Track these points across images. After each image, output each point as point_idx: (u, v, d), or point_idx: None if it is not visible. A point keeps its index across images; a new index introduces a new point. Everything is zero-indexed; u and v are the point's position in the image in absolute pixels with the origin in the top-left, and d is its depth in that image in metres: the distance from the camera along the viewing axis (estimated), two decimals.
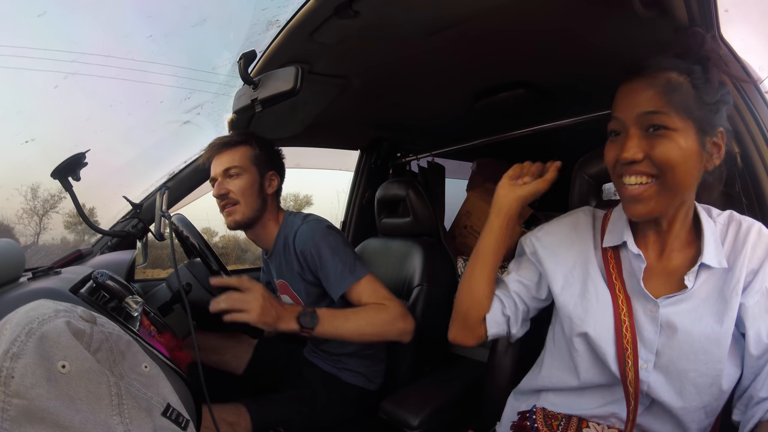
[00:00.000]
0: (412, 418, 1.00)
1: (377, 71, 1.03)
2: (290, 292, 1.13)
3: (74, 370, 0.36)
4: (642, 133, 0.61)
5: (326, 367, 1.15)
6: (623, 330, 0.64)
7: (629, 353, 0.63)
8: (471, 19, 0.79)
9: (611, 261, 0.69)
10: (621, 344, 0.64)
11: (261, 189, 1.09)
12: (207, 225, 5.18)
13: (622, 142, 0.62)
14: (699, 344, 0.60)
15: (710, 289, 0.62)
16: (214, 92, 1.41)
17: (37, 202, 4.44)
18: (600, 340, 0.66)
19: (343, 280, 0.99)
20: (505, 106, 1.19)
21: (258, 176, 1.09)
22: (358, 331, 0.94)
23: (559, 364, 0.73)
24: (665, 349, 0.62)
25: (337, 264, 0.99)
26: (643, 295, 0.65)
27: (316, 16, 0.75)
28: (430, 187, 1.74)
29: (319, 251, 1.01)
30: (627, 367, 0.63)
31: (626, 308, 0.65)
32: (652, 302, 0.64)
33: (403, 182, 1.45)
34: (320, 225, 1.06)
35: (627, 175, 0.62)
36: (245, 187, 1.06)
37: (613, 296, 0.67)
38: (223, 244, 7.86)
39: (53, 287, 0.63)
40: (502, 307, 0.78)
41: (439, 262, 1.34)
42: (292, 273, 1.09)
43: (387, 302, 0.98)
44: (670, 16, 0.73)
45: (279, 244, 1.11)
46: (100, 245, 1.24)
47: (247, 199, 1.06)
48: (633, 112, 0.61)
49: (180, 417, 0.44)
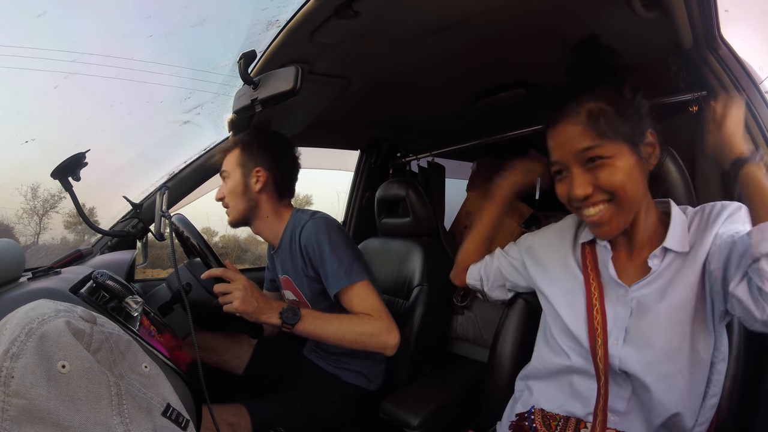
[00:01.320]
0: (412, 418, 1.00)
1: (377, 71, 1.03)
2: (293, 288, 1.13)
3: (74, 370, 0.36)
4: (583, 168, 0.68)
5: (326, 366, 1.16)
6: (594, 312, 0.73)
7: (599, 332, 0.71)
8: (471, 19, 0.79)
9: (588, 255, 0.78)
10: (591, 325, 0.72)
11: (246, 189, 1.09)
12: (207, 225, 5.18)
13: (568, 181, 0.70)
14: (664, 314, 0.66)
15: (675, 269, 0.69)
16: (214, 92, 1.41)
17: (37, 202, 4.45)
18: (574, 324, 0.74)
19: (338, 279, 0.99)
20: (505, 106, 1.19)
21: (241, 177, 1.09)
22: (338, 336, 0.94)
23: (546, 346, 0.81)
24: (634, 325, 0.69)
25: (334, 262, 0.99)
26: (615, 281, 0.73)
27: (316, 16, 0.75)
28: (430, 187, 1.74)
29: (321, 247, 1.01)
30: (597, 345, 0.70)
31: (598, 293, 0.74)
32: (622, 288, 0.72)
33: (403, 182, 1.45)
34: (327, 222, 1.06)
35: (584, 208, 0.70)
36: (230, 190, 1.10)
37: (586, 284, 0.76)
38: (223, 244, 7.87)
39: (53, 287, 0.63)
40: (481, 268, 0.98)
41: (439, 262, 1.34)
42: (296, 269, 1.09)
43: (375, 314, 0.97)
44: (670, 16, 0.74)
45: (285, 240, 1.11)
46: (100, 245, 1.24)
47: (233, 201, 1.09)
48: (570, 153, 0.68)
49: (180, 417, 0.44)
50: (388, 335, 0.95)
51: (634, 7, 0.71)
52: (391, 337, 0.96)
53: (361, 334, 0.94)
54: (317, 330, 0.94)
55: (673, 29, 0.77)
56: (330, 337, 0.94)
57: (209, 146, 1.33)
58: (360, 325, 0.95)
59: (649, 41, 0.84)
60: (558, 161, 0.71)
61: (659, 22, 0.75)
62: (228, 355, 1.21)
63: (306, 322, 0.93)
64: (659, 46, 0.85)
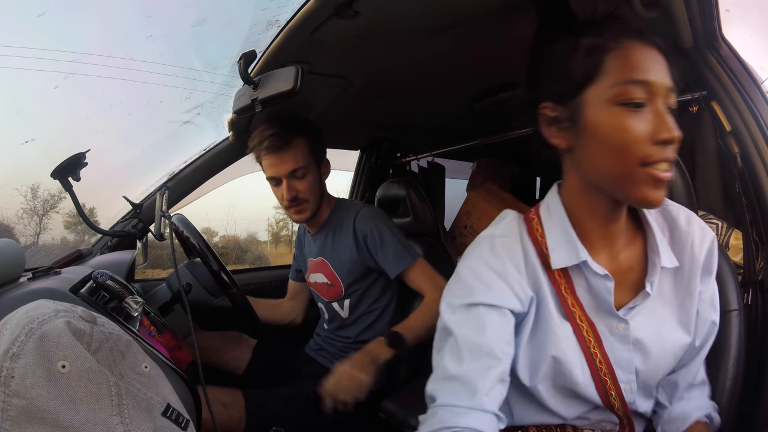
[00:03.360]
0: (412, 418, 1.00)
1: (377, 71, 1.03)
2: (328, 270, 1.15)
3: (74, 370, 0.36)
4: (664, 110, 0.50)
5: (329, 363, 1.16)
6: (597, 364, 0.56)
7: (609, 385, 0.57)
8: (471, 19, 0.79)
9: (561, 282, 0.57)
10: (598, 379, 0.57)
11: (321, 182, 1.12)
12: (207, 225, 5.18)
13: (654, 117, 0.49)
14: (671, 353, 0.58)
15: (666, 290, 0.58)
16: (214, 92, 1.41)
17: (37, 202, 4.44)
18: (574, 383, 0.57)
19: (403, 259, 1.06)
20: (505, 106, 1.19)
21: (318, 170, 1.11)
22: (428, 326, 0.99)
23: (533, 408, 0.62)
24: (642, 366, 0.58)
25: (397, 244, 1.07)
26: (609, 313, 0.57)
27: (316, 16, 0.74)
28: (430, 187, 1.74)
29: (381, 231, 1.07)
30: (612, 398, 0.58)
31: (593, 338, 0.56)
32: (618, 319, 0.56)
33: (403, 182, 1.45)
34: (380, 210, 1.15)
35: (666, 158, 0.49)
36: (313, 186, 1.08)
37: (575, 329, 0.57)
38: (223, 244, 7.88)
39: (53, 287, 0.63)
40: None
41: (440, 262, 1.34)
42: (338, 251, 1.12)
43: (435, 286, 1.05)
44: (670, 16, 0.73)
45: (330, 224, 1.15)
46: (100, 245, 1.24)
47: (315, 195, 1.10)
48: (661, 85, 0.50)
49: (180, 417, 0.44)
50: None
51: (634, 7, 0.71)
52: None
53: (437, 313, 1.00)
54: (413, 334, 0.99)
55: (673, 29, 0.77)
56: (422, 334, 0.99)
57: (209, 146, 1.33)
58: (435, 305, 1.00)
59: None
60: (647, 81, 0.49)
61: (659, 22, 0.75)
62: (227, 357, 1.21)
63: (407, 334, 0.98)
64: None
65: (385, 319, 1.16)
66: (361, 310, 1.15)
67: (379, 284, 1.15)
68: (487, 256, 0.57)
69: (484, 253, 0.58)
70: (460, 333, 0.54)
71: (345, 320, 1.17)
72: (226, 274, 0.97)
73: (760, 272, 0.80)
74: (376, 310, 1.15)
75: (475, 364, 0.52)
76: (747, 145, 0.81)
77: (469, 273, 0.57)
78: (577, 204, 0.57)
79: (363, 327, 1.15)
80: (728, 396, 0.67)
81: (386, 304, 1.16)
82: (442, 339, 0.57)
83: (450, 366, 0.53)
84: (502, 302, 0.55)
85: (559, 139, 0.55)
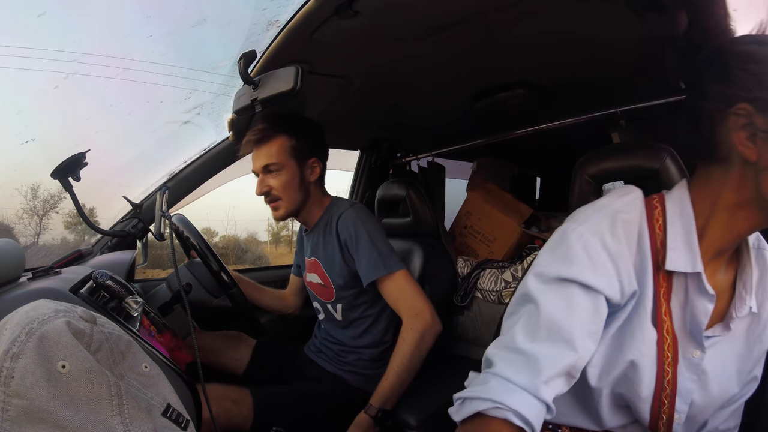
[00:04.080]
0: (412, 418, 1.00)
1: (377, 71, 1.03)
2: (320, 271, 1.14)
3: (74, 370, 0.36)
4: None
5: (328, 367, 1.15)
6: (664, 383, 0.52)
7: (665, 408, 0.53)
8: (471, 19, 0.79)
9: (662, 285, 0.52)
10: (658, 398, 0.52)
11: (302, 181, 1.08)
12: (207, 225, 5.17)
13: None
14: (725, 395, 0.55)
15: (739, 332, 0.55)
16: (214, 92, 1.41)
17: (37, 202, 4.44)
18: (636, 394, 0.53)
19: (376, 268, 1.01)
20: (505, 106, 1.19)
21: (297, 168, 1.07)
22: (409, 372, 0.99)
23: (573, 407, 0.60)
24: (698, 400, 0.54)
25: (372, 251, 1.01)
26: (693, 336, 0.53)
27: (316, 16, 0.74)
28: (430, 187, 1.74)
29: (359, 235, 1.03)
30: (660, 422, 0.53)
31: (671, 355, 0.52)
32: (696, 345, 0.52)
33: (403, 182, 1.45)
34: (366, 212, 1.09)
35: None
36: (286, 183, 1.06)
37: (659, 338, 0.52)
38: (223, 244, 7.87)
39: (53, 287, 0.63)
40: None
41: (440, 262, 1.34)
42: (328, 254, 1.11)
43: (410, 304, 1.01)
44: (670, 15, 0.73)
45: (321, 224, 1.13)
46: (100, 245, 1.24)
47: (289, 194, 1.07)
48: None
49: (180, 417, 0.44)
50: (432, 327, 1.00)
51: (634, 6, 0.71)
52: (436, 326, 1.01)
53: (417, 352, 0.99)
54: (398, 391, 0.99)
55: (674, 29, 0.77)
56: (408, 380, 0.99)
57: (209, 146, 1.33)
58: (408, 345, 0.99)
59: (649, 41, 0.84)
60: None
61: (659, 22, 0.75)
62: (226, 357, 1.21)
63: (391, 400, 0.98)
64: (659, 46, 0.85)
65: (380, 325, 1.14)
66: (354, 315, 1.13)
67: (370, 292, 1.10)
68: (603, 230, 0.50)
69: (602, 225, 0.51)
70: (543, 305, 0.49)
71: (340, 323, 1.16)
72: (226, 274, 0.97)
73: None
74: (370, 317, 1.14)
75: (548, 346, 0.47)
76: None
77: (578, 242, 0.50)
78: (716, 214, 0.50)
79: (358, 332, 1.14)
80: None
81: (380, 310, 1.14)
82: (519, 303, 0.52)
83: (520, 339, 0.49)
84: (603, 288, 0.49)
85: (749, 149, 0.46)
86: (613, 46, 0.88)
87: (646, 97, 1.01)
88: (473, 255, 1.63)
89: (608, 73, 1.03)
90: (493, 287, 1.35)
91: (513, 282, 1.34)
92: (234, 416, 0.95)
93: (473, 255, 1.63)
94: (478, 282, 1.38)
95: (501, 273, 1.37)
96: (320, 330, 1.24)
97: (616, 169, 0.91)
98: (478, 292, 1.38)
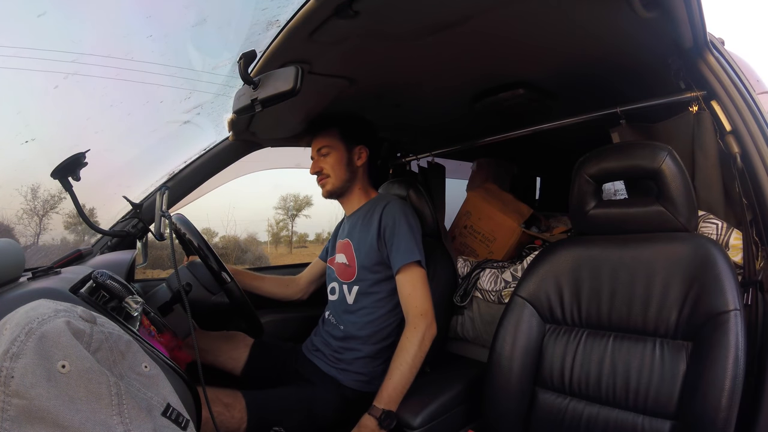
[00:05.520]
0: (412, 418, 1.00)
1: (377, 71, 1.03)
2: (349, 252, 1.22)
3: (74, 370, 0.36)
4: None
5: (325, 367, 1.15)
6: None
7: None
8: (471, 19, 0.79)
9: None
10: None
11: (350, 162, 1.24)
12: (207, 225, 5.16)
13: None
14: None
15: None
16: (214, 92, 1.41)
17: (37, 203, 4.44)
18: None
19: (410, 253, 1.10)
20: (505, 106, 1.19)
21: (345, 152, 1.23)
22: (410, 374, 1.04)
23: None
24: None
25: (411, 239, 1.12)
26: None
27: (316, 16, 0.74)
28: (430, 187, 1.74)
29: (400, 223, 1.14)
30: None
31: None
32: None
33: (404, 182, 1.45)
34: (411, 207, 1.23)
35: None
36: (334, 162, 1.22)
37: None
38: (223, 244, 7.86)
39: (53, 287, 0.63)
40: None
41: (440, 262, 1.34)
42: (362, 235, 1.19)
43: (425, 303, 1.08)
44: (670, 16, 0.73)
45: (363, 210, 1.25)
46: (100, 245, 1.24)
47: (336, 172, 1.22)
48: None
49: (180, 417, 0.44)
50: (432, 330, 1.07)
51: (634, 6, 0.71)
52: (434, 329, 1.08)
53: (419, 352, 1.04)
54: (401, 391, 1.02)
55: (673, 29, 0.77)
56: (410, 380, 1.04)
57: (209, 146, 1.33)
58: (412, 345, 1.04)
59: (649, 41, 0.84)
60: None
61: (659, 22, 0.75)
62: (223, 357, 1.21)
63: (395, 401, 1.01)
64: (659, 46, 0.85)
65: (383, 322, 1.15)
66: (365, 302, 1.16)
67: (388, 284, 1.16)
68: None
69: None
70: None
71: (349, 306, 1.18)
72: (227, 274, 0.97)
73: (760, 272, 0.80)
74: (378, 309, 1.15)
75: None
76: (747, 145, 0.81)
77: None
78: None
79: (363, 321, 1.15)
80: (728, 396, 0.67)
81: (388, 309, 1.16)
82: None
83: None
84: None
85: None
86: (613, 46, 0.89)
87: (646, 97, 1.01)
88: (473, 255, 1.63)
89: (608, 73, 1.03)
90: (493, 287, 1.35)
91: (513, 282, 1.34)
92: (226, 420, 0.96)
93: (473, 255, 1.63)
94: (478, 282, 1.38)
95: (501, 273, 1.37)
96: (323, 324, 1.24)
97: (615, 169, 0.92)
98: (477, 291, 1.38)
